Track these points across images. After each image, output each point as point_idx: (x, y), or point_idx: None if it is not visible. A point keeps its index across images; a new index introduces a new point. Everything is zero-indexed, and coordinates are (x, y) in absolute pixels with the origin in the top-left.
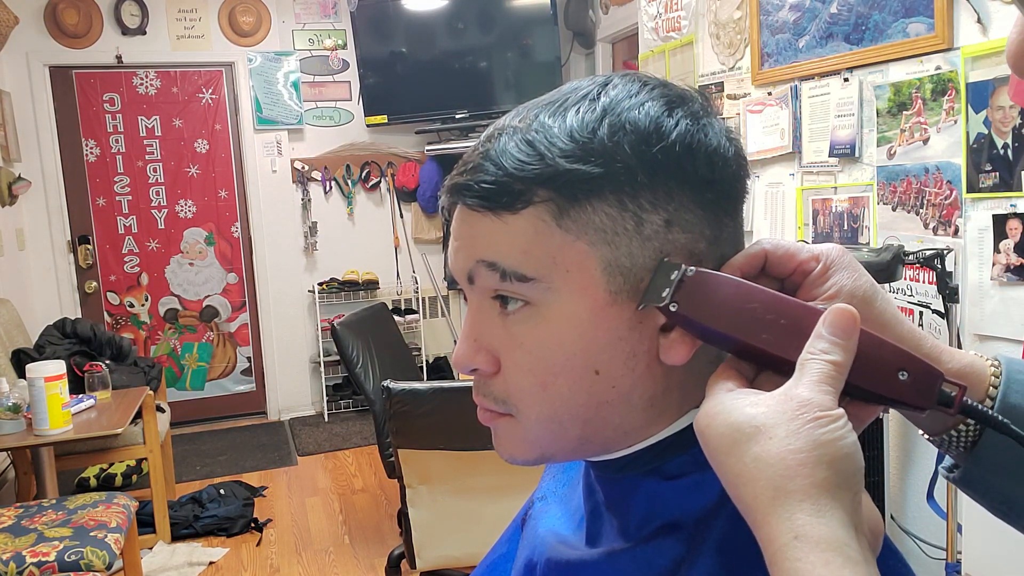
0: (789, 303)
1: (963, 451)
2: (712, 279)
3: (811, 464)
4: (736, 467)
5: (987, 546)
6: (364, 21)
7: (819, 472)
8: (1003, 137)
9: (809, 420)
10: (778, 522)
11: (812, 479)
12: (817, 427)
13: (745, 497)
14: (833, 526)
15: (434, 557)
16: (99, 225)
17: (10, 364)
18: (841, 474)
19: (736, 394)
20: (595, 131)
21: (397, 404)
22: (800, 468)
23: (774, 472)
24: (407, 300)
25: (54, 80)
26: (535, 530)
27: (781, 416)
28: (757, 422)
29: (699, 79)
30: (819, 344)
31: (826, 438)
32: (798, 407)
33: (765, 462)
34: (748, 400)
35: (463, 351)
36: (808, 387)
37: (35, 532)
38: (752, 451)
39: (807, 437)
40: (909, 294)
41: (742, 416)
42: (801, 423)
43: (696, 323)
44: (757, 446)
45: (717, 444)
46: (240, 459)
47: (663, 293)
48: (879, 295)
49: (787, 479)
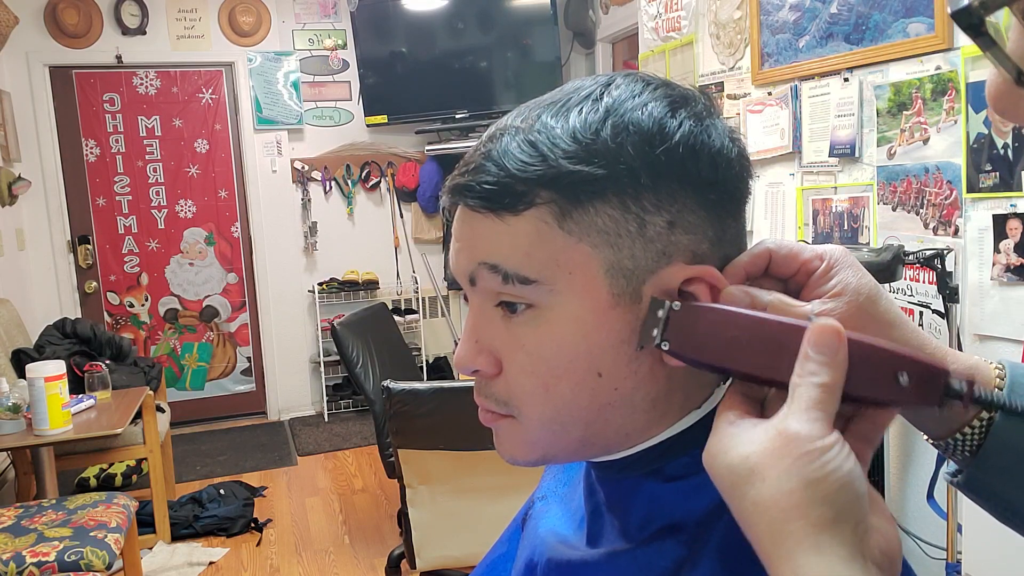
0: (771, 325)
1: (967, 455)
2: (697, 312)
3: (805, 504)
4: (738, 509)
5: (987, 546)
6: (364, 21)
7: (814, 511)
8: (1003, 137)
9: (799, 457)
10: (780, 563)
11: (807, 519)
12: (807, 464)
13: (751, 537)
14: (833, 563)
15: (434, 557)
16: (99, 225)
17: (10, 364)
18: (838, 507)
19: (736, 428)
20: (598, 132)
21: (397, 404)
22: (794, 510)
23: (771, 516)
24: (407, 300)
25: (54, 80)
26: (535, 530)
27: (772, 455)
28: (750, 463)
29: (699, 79)
30: (807, 366)
31: (817, 475)
32: (786, 443)
33: (762, 506)
34: (744, 438)
35: (464, 352)
36: (797, 418)
37: (35, 532)
38: (749, 495)
39: (798, 476)
40: (909, 294)
41: (737, 457)
42: (791, 461)
43: (689, 358)
44: (753, 489)
45: (720, 485)
46: (240, 459)
47: (653, 332)
48: (883, 294)
49: (783, 522)
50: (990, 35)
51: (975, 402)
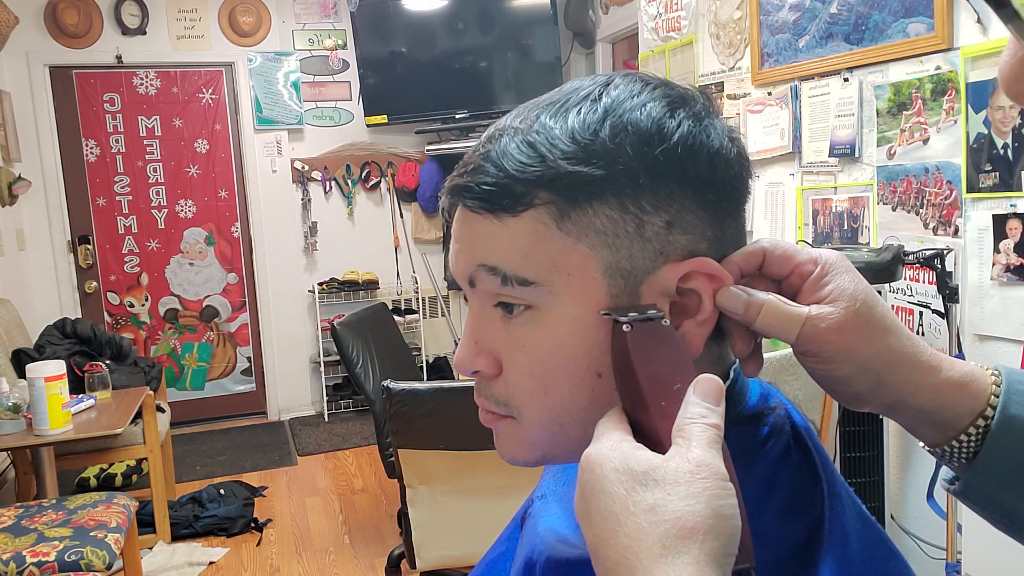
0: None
1: (963, 462)
2: (670, 338)
3: (705, 531)
4: (623, 511)
5: (987, 546)
6: (364, 21)
7: (710, 541)
8: (1003, 137)
9: (710, 485)
10: (654, 570)
11: (703, 547)
12: (718, 496)
13: (623, 542)
14: None
15: (434, 557)
16: (99, 225)
17: (10, 364)
18: (727, 545)
19: (633, 444)
20: (597, 133)
21: (397, 404)
22: (694, 533)
23: (668, 529)
24: (407, 300)
25: (54, 80)
26: (535, 529)
27: (681, 474)
28: (658, 475)
29: (699, 79)
30: (695, 409)
31: (725, 511)
32: (698, 467)
33: (660, 516)
34: (647, 453)
35: (464, 353)
36: (702, 449)
37: (35, 532)
38: (647, 499)
39: (708, 503)
40: (909, 294)
41: (645, 463)
42: (702, 487)
43: (626, 358)
44: (652, 496)
45: (601, 484)
46: (240, 459)
47: (629, 315)
48: (879, 301)
49: (680, 540)
50: (1013, 7)
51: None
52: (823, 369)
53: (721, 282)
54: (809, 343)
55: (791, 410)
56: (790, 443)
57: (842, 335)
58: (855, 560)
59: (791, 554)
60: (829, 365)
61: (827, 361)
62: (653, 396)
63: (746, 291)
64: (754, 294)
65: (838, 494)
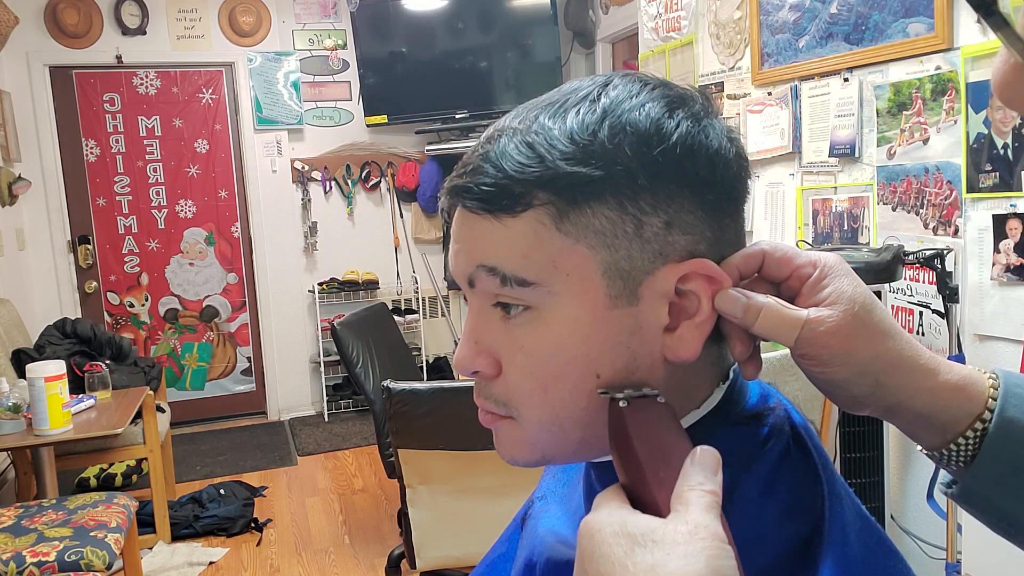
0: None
1: (961, 466)
2: (666, 413)
3: None
4: (623, 572)
5: (987, 546)
6: (364, 21)
7: None
8: (1003, 137)
9: (709, 545)
10: None
11: None
12: (718, 557)
13: None
14: None
15: (434, 557)
16: (99, 225)
17: (10, 364)
18: None
19: (631, 509)
20: (595, 133)
21: (397, 404)
22: None
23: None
24: (407, 300)
25: (54, 80)
26: (535, 530)
27: (680, 536)
28: (656, 536)
29: (699, 79)
30: (695, 479)
31: (726, 572)
32: (696, 528)
33: (660, 573)
34: (644, 518)
35: (464, 354)
36: (700, 513)
37: (35, 532)
38: (646, 560)
39: (708, 564)
40: (909, 294)
41: (643, 526)
42: (701, 547)
43: (623, 432)
44: (652, 557)
45: (600, 547)
46: (240, 459)
47: (626, 391)
48: (878, 305)
49: None
50: (1002, 15)
51: None
52: (821, 372)
53: (720, 284)
54: (808, 346)
55: (791, 410)
56: (790, 443)
57: (841, 338)
58: (855, 560)
59: (791, 554)
60: (828, 368)
61: (826, 364)
62: (651, 468)
63: (745, 294)
64: (753, 297)
65: (838, 494)
